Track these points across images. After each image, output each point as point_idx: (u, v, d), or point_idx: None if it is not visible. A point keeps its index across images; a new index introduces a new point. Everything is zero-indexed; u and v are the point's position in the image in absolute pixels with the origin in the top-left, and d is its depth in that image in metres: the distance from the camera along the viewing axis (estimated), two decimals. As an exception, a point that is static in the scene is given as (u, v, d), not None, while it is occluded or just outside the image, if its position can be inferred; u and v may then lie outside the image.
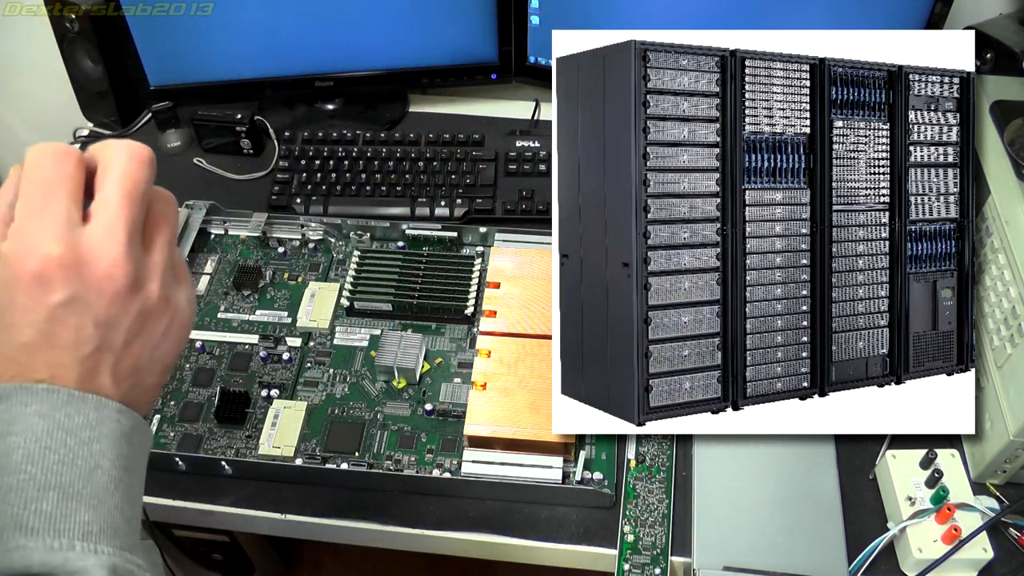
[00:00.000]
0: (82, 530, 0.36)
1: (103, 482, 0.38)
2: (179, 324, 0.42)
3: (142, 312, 0.40)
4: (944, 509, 0.75)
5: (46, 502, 0.36)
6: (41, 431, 0.36)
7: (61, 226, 0.37)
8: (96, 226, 0.38)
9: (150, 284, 0.40)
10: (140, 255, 0.40)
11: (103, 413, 0.38)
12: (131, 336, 0.40)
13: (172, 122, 1.18)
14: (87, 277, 0.38)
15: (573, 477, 0.82)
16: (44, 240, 0.37)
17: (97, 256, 0.38)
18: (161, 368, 0.42)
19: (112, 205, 0.38)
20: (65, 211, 0.37)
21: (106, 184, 0.39)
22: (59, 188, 0.38)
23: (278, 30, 1.11)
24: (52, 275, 0.37)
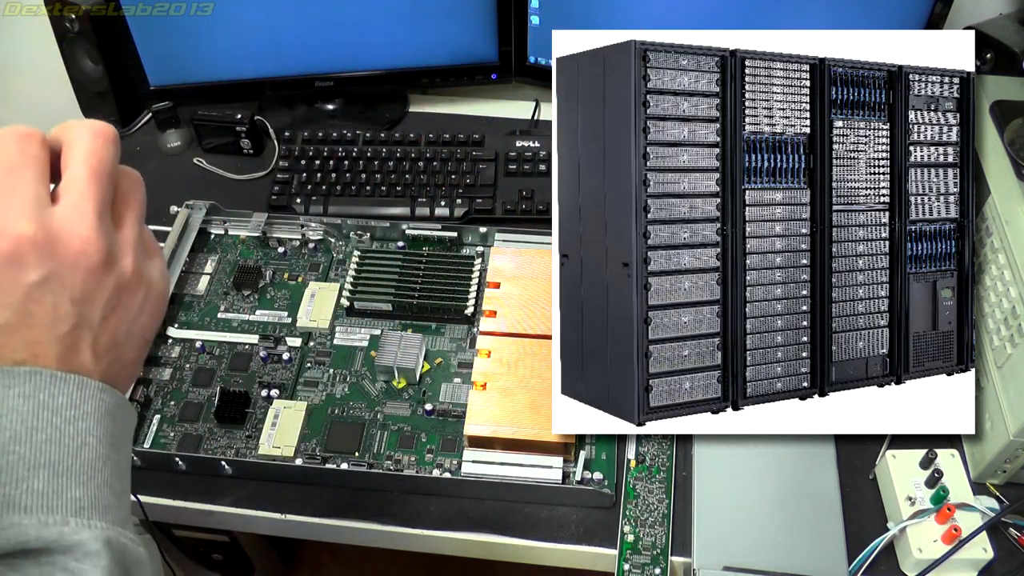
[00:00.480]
0: (74, 506, 0.36)
1: (91, 459, 0.38)
2: (154, 297, 0.43)
3: (117, 287, 0.40)
4: (944, 509, 0.75)
5: (37, 480, 0.36)
6: (26, 412, 0.37)
7: (30, 206, 0.37)
8: (65, 204, 0.38)
9: (123, 259, 0.40)
10: (111, 231, 0.40)
11: (86, 392, 0.38)
12: (108, 311, 0.40)
13: (172, 122, 1.18)
14: (61, 255, 0.37)
15: (573, 477, 0.82)
16: (14, 220, 0.36)
17: (69, 233, 0.38)
18: (139, 342, 0.43)
19: (80, 183, 0.39)
20: (33, 191, 0.37)
21: (72, 163, 0.39)
22: (24, 169, 0.38)
23: (278, 30, 1.11)
24: (25, 254, 0.37)
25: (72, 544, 0.36)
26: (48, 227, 0.37)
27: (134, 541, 0.38)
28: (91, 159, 0.39)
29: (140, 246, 0.42)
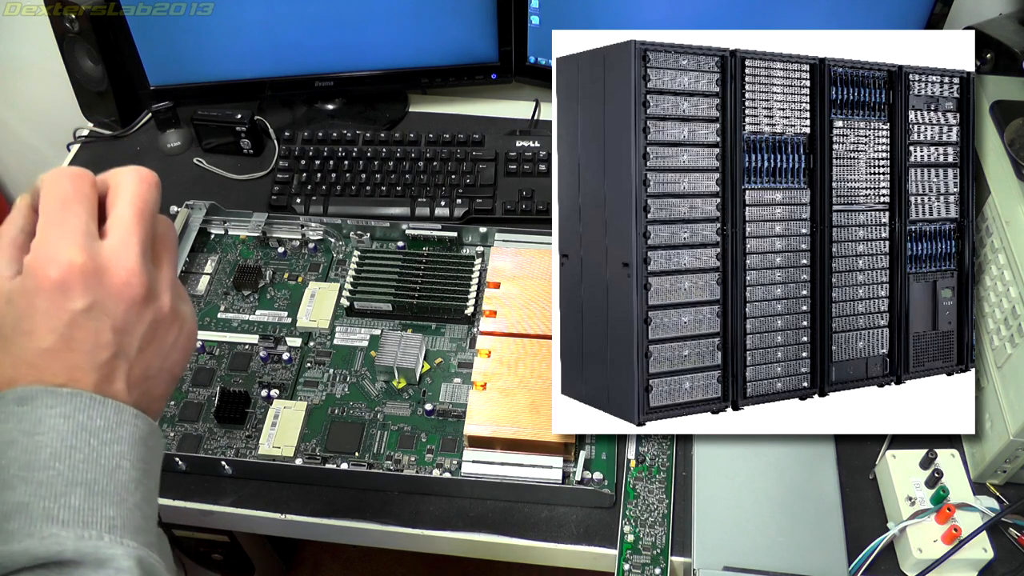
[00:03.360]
0: (108, 524, 0.38)
1: (124, 481, 0.40)
2: (186, 335, 0.45)
3: (154, 321, 0.42)
4: (944, 509, 0.75)
5: (74, 496, 0.38)
6: (66, 431, 0.38)
7: (81, 237, 0.39)
8: (113, 239, 0.41)
9: (162, 296, 0.43)
10: (152, 268, 0.42)
11: (122, 416, 0.40)
12: (144, 344, 0.42)
13: (172, 122, 1.18)
14: (106, 285, 0.40)
15: (573, 477, 0.82)
16: (65, 249, 0.39)
17: (115, 265, 0.40)
18: (169, 377, 0.44)
19: (126, 221, 0.41)
20: (84, 224, 0.40)
21: (119, 203, 0.42)
22: (77, 204, 0.40)
23: (278, 30, 1.11)
24: (73, 282, 0.39)
25: (105, 558, 0.37)
26: (96, 258, 0.40)
27: (159, 564, 0.40)
28: (137, 201, 0.42)
29: (176, 286, 0.44)
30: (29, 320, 0.39)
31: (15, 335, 0.40)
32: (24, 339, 0.39)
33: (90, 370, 0.40)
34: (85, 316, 0.39)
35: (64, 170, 0.41)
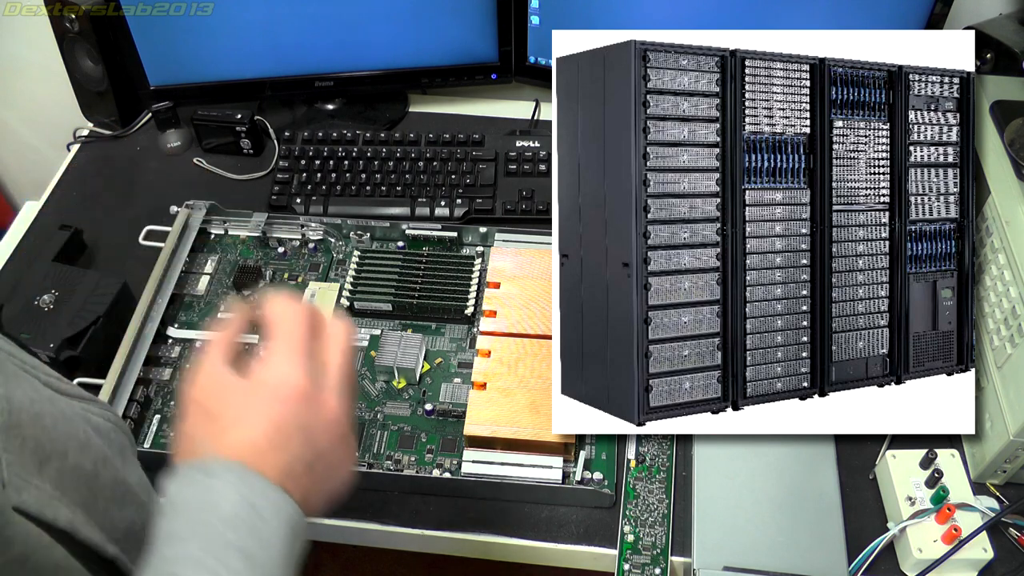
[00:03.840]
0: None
1: (275, 559, 0.44)
2: (349, 462, 0.52)
3: (336, 447, 0.50)
4: (944, 509, 0.75)
5: (235, 559, 0.42)
6: (238, 503, 0.44)
7: (304, 367, 0.49)
8: (331, 379, 0.50)
9: (351, 436, 0.51)
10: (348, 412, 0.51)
11: (286, 507, 0.46)
12: (322, 461, 0.49)
13: (172, 122, 1.18)
14: (321, 415, 0.48)
15: (573, 477, 0.82)
16: (299, 375, 0.48)
17: (327, 398, 0.49)
18: (327, 494, 0.51)
19: (339, 368, 0.51)
20: (306, 357, 0.49)
21: (333, 351, 0.51)
22: (300, 340, 0.50)
23: (278, 30, 1.11)
24: (299, 403, 0.48)
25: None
26: (319, 391, 0.49)
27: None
28: (346, 355, 0.52)
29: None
30: (251, 413, 0.47)
31: (234, 425, 0.47)
32: (241, 431, 0.46)
33: (278, 467, 0.46)
34: (298, 432, 0.47)
35: (294, 305, 0.51)
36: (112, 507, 0.48)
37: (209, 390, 0.49)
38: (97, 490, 0.47)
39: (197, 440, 0.48)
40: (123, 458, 0.53)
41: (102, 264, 1.05)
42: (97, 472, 0.47)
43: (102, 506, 0.47)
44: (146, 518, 0.51)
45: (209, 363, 0.51)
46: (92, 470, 0.47)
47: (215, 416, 0.48)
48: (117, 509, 0.48)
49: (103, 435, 0.51)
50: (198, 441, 0.48)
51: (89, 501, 0.45)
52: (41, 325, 0.88)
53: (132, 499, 0.51)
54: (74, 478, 0.44)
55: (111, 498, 0.48)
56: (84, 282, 0.93)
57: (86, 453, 0.46)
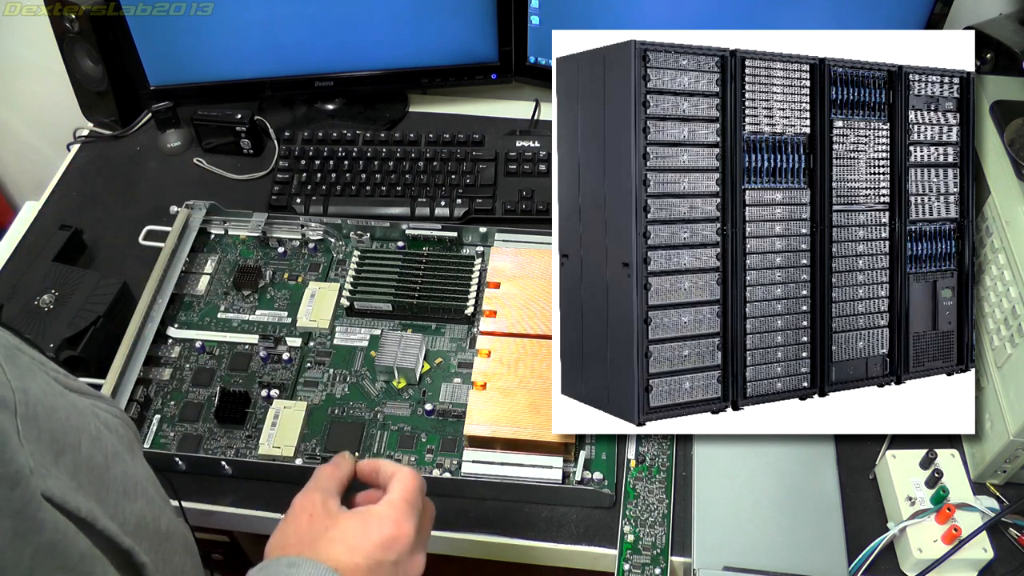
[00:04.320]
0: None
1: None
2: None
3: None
4: (944, 509, 0.75)
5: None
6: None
7: (415, 525, 0.58)
8: (423, 535, 0.60)
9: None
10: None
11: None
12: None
13: (172, 122, 1.18)
14: (411, 558, 0.58)
15: (573, 477, 0.82)
16: (410, 527, 0.57)
17: (420, 553, 0.59)
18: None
19: (425, 532, 0.61)
20: (417, 518, 0.59)
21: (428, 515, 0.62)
22: (417, 509, 0.59)
23: (278, 30, 1.11)
24: (400, 545, 0.56)
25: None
26: (416, 539, 0.58)
27: None
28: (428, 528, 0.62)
29: None
30: (358, 542, 0.55)
31: (331, 546, 0.55)
32: (338, 551, 0.54)
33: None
34: (392, 567, 0.56)
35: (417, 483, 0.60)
36: (123, 500, 0.47)
37: (319, 505, 0.58)
38: (109, 483, 0.46)
39: (293, 543, 0.56)
40: (131, 453, 0.52)
41: (102, 264, 1.05)
42: (108, 465, 0.47)
43: (114, 499, 0.46)
44: (156, 512, 0.51)
45: (325, 483, 0.60)
46: (103, 463, 0.46)
47: (320, 530, 0.56)
48: (128, 502, 0.48)
49: (111, 430, 0.50)
50: (294, 544, 0.56)
51: (102, 494, 0.45)
52: (41, 325, 0.88)
53: (142, 492, 0.50)
54: (87, 471, 0.44)
55: (122, 491, 0.48)
56: (84, 282, 0.93)
57: (97, 446, 0.46)
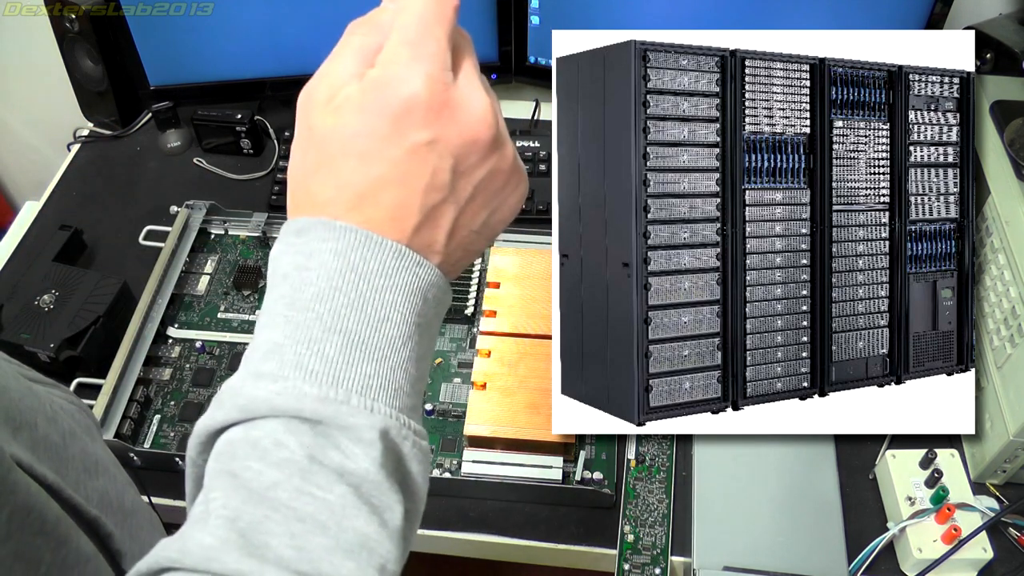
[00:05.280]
0: (362, 382, 0.34)
1: (391, 335, 0.35)
2: (519, 192, 0.41)
3: (495, 171, 0.38)
4: (944, 509, 0.75)
5: (330, 345, 0.34)
6: (334, 270, 0.35)
7: (439, 64, 0.36)
8: (463, 76, 0.37)
9: (507, 145, 0.39)
10: (501, 116, 0.39)
11: (402, 263, 0.36)
12: (477, 194, 0.38)
13: (172, 122, 1.18)
14: (458, 121, 0.36)
15: (573, 477, 0.82)
16: (419, 72, 0.35)
17: (469, 103, 0.37)
18: (490, 234, 0.40)
19: (468, 64, 0.38)
20: (443, 51, 0.36)
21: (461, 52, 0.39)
22: (439, 27, 0.37)
23: (278, 30, 1.11)
24: (422, 109, 0.35)
25: (347, 426, 0.33)
26: (450, 90, 0.36)
27: (417, 433, 0.36)
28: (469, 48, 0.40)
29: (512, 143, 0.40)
30: (366, 141, 0.35)
31: (345, 155, 0.36)
32: (355, 161, 0.35)
33: (417, 210, 0.36)
34: (428, 149, 0.35)
35: None
36: (84, 476, 0.46)
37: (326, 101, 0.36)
38: (67, 460, 0.45)
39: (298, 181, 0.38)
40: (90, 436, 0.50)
41: (102, 264, 1.05)
42: (66, 444, 0.45)
43: (74, 476, 0.45)
44: (119, 490, 0.49)
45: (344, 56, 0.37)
46: (60, 443, 0.45)
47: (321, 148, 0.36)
48: (89, 479, 0.46)
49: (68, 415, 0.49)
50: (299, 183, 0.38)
51: (62, 470, 0.44)
52: (41, 325, 0.88)
53: (103, 470, 0.48)
54: (45, 447, 0.43)
55: (82, 468, 0.46)
56: (84, 282, 0.93)
57: (53, 426, 0.45)
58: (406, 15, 0.37)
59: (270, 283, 0.37)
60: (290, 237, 0.37)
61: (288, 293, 0.36)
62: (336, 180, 0.36)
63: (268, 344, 0.35)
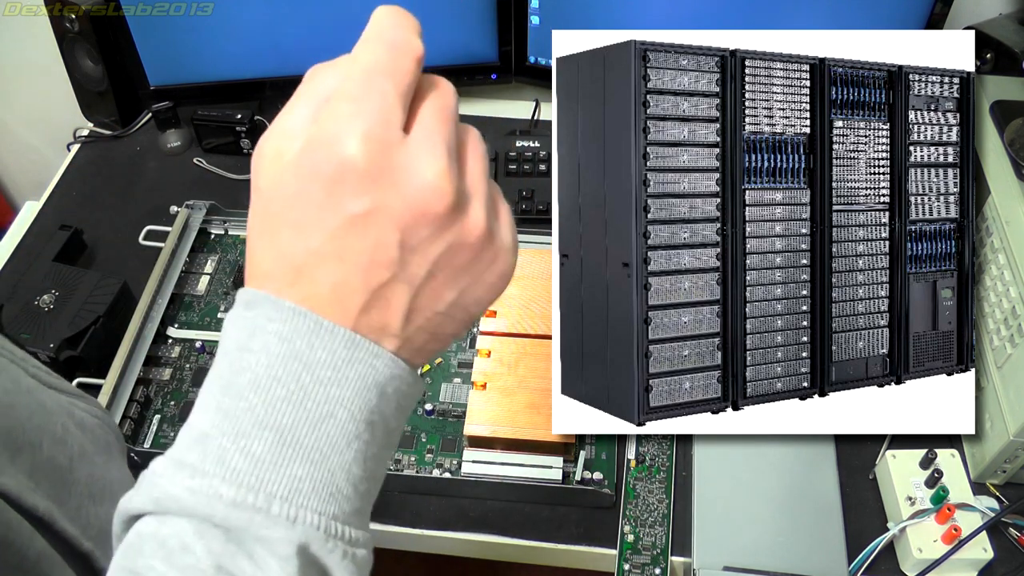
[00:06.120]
0: (289, 486, 0.30)
1: (333, 434, 0.31)
2: (498, 269, 0.35)
3: (457, 243, 0.32)
4: (944, 509, 0.75)
5: (259, 442, 0.30)
6: (275, 355, 0.31)
7: (380, 121, 0.31)
8: (415, 135, 0.32)
9: (472, 211, 0.33)
10: (460, 176, 0.33)
11: (353, 353, 0.32)
12: (437, 270, 0.33)
13: (172, 122, 1.18)
14: (400, 186, 0.31)
15: (573, 477, 0.82)
16: (357, 131, 0.30)
17: (416, 167, 0.31)
18: (464, 317, 0.35)
19: (428, 120, 0.33)
20: (389, 107, 0.31)
21: (423, 105, 0.33)
22: (387, 79, 0.32)
23: (278, 30, 1.11)
24: (358, 175, 0.30)
25: (260, 537, 0.30)
26: (392, 151, 0.31)
27: (353, 542, 0.32)
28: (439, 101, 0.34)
29: (491, 202, 0.34)
30: (300, 209, 0.31)
31: (283, 222, 0.31)
32: (291, 230, 0.31)
33: (360, 290, 0.31)
34: (367, 220, 0.30)
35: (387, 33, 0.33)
36: (87, 503, 0.44)
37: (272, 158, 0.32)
38: (71, 484, 0.43)
39: (249, 244, 0.34)
40: (107, 455, 0.49)
41: (102, 264, 1.05)
42: (72, 467, 0.44)
43: (75, 502, 0.43)
44: None
45: None
46: (66, 465, 0.43)
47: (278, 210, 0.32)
48: (92, 505, 0.45)
49: (86, 430, 0.48)
50: (248, 246, 0.34)
51: (63, 496, 0.42)
52: (41, 325, 0.88)
53: (110, 496, 0.46)
54: (48, 471, 0.42)
55: (86, 494, 0.44)
56: (84, 282, 0.93)
57: (60, 447, 0.43)
58: (354, 65, 0.32)
59: (216, 355, 0.33)
60: (239, 308, 0.33)
61: (225, 374, 0.32)
62: (275, 249, 0.32)
63: (196, 431, 0.31)
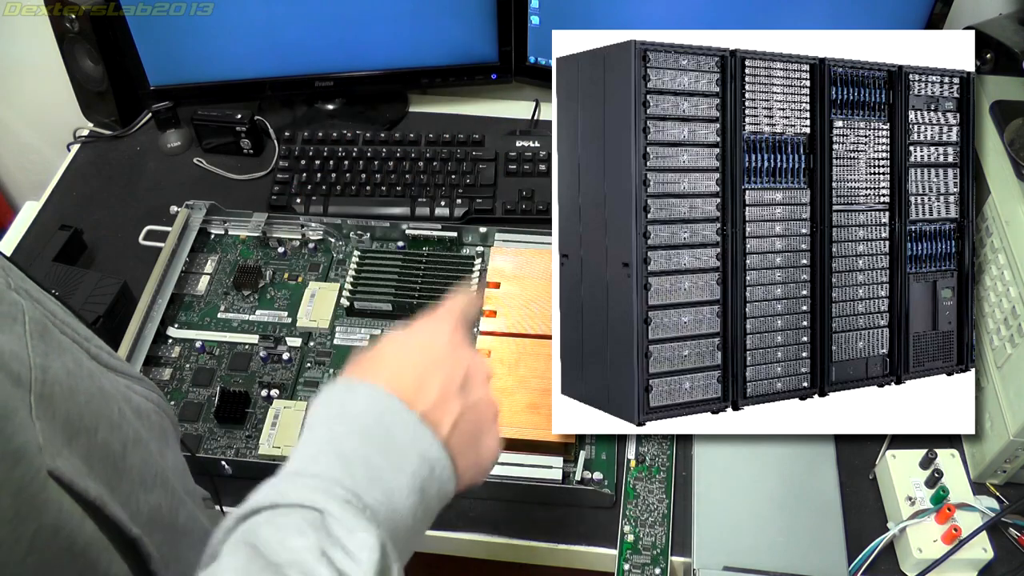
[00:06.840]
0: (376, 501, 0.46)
1: (401, 484, 0.47)
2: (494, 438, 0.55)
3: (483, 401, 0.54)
4: (944, 509, 0.75)
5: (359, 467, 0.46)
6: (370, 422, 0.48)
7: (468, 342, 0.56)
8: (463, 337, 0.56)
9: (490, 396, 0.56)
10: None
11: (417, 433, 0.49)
12: (467, 410, 0.52)
13: (172, 122, 1.18)
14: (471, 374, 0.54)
15: (573, 477, 0.82)
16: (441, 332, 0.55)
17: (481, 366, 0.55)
18: (479, 460, 0.53)
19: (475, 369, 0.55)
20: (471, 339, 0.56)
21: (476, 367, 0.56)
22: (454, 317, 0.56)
23: (278, 30, 1.11)
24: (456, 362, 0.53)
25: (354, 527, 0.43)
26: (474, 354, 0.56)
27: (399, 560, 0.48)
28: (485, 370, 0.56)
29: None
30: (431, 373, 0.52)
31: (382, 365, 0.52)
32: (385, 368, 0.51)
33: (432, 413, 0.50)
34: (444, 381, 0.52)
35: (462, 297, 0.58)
36: (138, 490, 0.46)
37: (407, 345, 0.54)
38: (123, 471, 0.45)
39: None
40: (162, 441, 0.51)
41: (102, 264, 1.05)
42: (125, 453, 0.45)
43: (127, 488, 0.45)
44: (174, 505, 0.50)
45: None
46: (120, 451, 0.45)
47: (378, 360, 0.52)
48: (143, 492, 0.47)
49: (142, 416, 0.49)
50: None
51: (114, 481, 0.44)
52: (41, 325, 0.88)
53: (161, 484, 0.49)
54: (101, 457, 0.43)
55: (137, 481, 0.46)
56: (84, 282, 0.93)
57: (116, 433, 0.45)
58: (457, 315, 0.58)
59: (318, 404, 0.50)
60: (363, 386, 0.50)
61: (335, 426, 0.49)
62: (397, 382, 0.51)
63: (308, 452, 0.47)
